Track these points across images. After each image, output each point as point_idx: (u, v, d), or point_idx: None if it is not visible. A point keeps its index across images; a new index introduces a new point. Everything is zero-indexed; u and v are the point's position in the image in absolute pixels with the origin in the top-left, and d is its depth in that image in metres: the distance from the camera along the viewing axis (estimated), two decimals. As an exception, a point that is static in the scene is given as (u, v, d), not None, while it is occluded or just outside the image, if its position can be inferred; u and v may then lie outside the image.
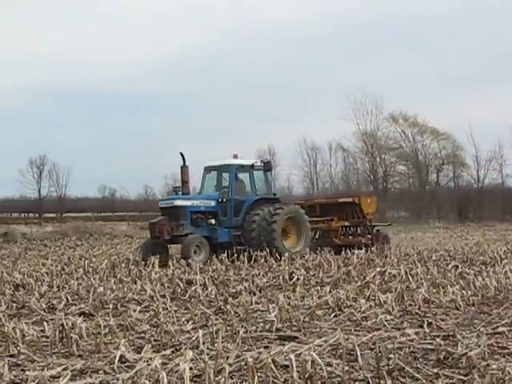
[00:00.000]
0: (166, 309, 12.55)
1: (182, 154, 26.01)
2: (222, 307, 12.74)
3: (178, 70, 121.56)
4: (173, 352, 9.15)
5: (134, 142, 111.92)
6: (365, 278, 15.91)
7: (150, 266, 20.32)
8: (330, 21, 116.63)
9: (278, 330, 10.59)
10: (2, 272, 19.10)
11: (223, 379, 6.98)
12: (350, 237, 30.04)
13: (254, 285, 15.80)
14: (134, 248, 33.67)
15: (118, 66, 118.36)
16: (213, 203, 26.30)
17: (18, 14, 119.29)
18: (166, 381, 6.72)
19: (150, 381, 6.83)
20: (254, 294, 14.46)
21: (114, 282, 16.64)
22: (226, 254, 23.81)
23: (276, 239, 25.52)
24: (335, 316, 11.81)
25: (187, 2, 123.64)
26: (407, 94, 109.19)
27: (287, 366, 7.61)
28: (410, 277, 15.92)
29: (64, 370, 8.11)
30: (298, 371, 7.15)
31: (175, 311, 12.42)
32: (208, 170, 27.67)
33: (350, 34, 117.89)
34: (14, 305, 13.97)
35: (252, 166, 26.99)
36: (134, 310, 12.26)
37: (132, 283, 16.74)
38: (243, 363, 7.81)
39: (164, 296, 14.41)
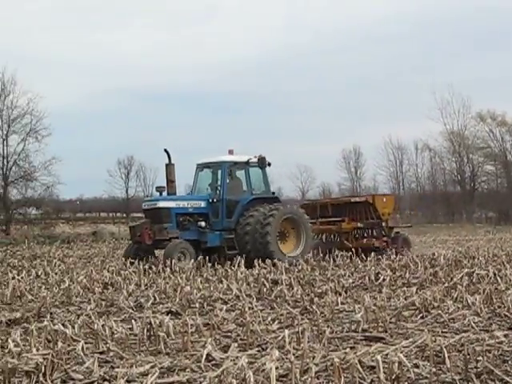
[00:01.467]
0: (252, 308, 12.59)
1: (166, 151, 24.12)
2: (308, 307, 12.72)
3: (265, 71, 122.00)
4: (259, 351, 9.20)
5: (221, 143, 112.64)
6: (452, 279, 15.67)
7: (236, 265, 20.40)
8: (418, 17, 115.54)
9: (364, 330, 10.54)
10: (92, 271, 19.43)
11: (309, 379, 6.97)
12: (365, 239, 28.08)
13: (339, 285, 15.73)
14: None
15: (207, 67, 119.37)
16: (203, 204, 24.44)
17: (113, 17, 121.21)
18: (252, 380, 6.74)
19: (236, 379, 6.86)
20: (340, 295, 14.41)
21: (201, 281, 16.78)
22: (215, 260, 22.45)
23: (270, 243, 23.57)
24: (422, 317, 11.67)
25: (278, 3, 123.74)
26: (495, 92, 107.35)
27: (374, 367, 7.56)
28: (498, 278, 15.66)
29: (152, 367, 8.22)
30: (384, 372, 7.10)
31: (261, 311, 12.46)
32: (200, 167, 25.73)
33: (438, 32, 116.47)
34: (103, 303, 14.22)
35: (247, 163, 24.80)
36: (221, 309, 12.35)
37: (218, 282, 16.86)
38: (329, 363, 7.79)
39: (250, 295, 14.47)
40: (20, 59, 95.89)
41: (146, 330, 10.32)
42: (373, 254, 23.52)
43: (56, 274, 19.02)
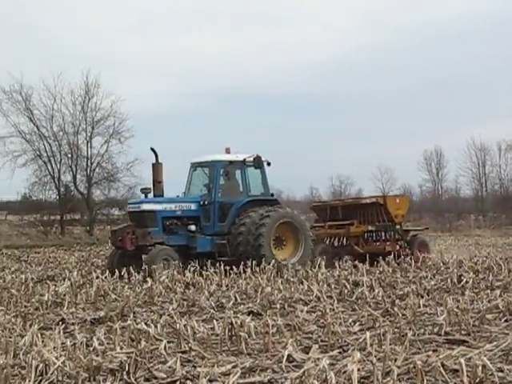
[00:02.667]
0: (333, 310, 12.55)
1: (153, 150, 22.53)
2: (389, 309, 12.64)
3: (345, 71, 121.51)
4: (340, 353, 9.19)
5: (300, 143, 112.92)
6: (538, 282, 15.37)
7: (317, 266, 20.31)
8: (496, 15, 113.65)
9: (446, 333, 10.41)
10: (173, 271, 19.54)
11: (391, 381, 6.93)
12: (376, 243, 26.51)
13: (421, 287, 15.56)
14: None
15: (285, 69, 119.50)
16: (193, 206, 22.78)
17: (198, 20, 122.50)
18: (334, 381, 6.75)
19: (317, 381, 6.87)
20: (422, 297, 14.26)
21: (281, 282, 16.78)
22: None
23: (263, 246, 21.77)
24: (506, 321, 11.48)
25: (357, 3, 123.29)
26: None
27: (457, 371, 7.48)
28: None
29: (234, 367, 8.30)
30: (468, 376, 7.02)
31: (342, 312, 12.41)
32: (194, 167, 23.94)
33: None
34: (185, 303, 14.37)
35: (243, 162, 23.03)
36: (301, 311, 12.34)
37: (299, 283, 16.84)
38: (411, 366, 7.73)
39: (331, 297, 14.43)
40: (104, 62, 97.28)
41: (227, 330, 10.41)
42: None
43: (138, 273, 19.21)
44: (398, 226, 26.40)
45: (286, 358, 8.55)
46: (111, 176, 54.09)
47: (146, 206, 22.24)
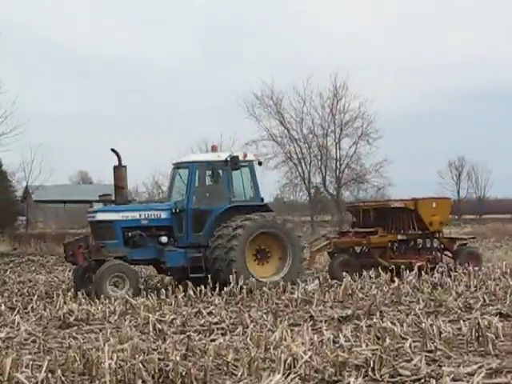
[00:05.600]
0: None
1: (114, 151, 19.42)
2: None
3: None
4: None
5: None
6: None
7: None
8: None
9: None
10: (421, 273, 19.37)
11: None
12: (406, 255, 21.88)
13: None
14: None
15: None
16: (163, 215, 19.48)
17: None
18: None
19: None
20: None
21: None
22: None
23: (235, 261, 18.32)
24: None
25: None
26: None
27: None
28: None
29: (479, 367, 8.27)
30: None
31: None
32: (175, 168, 20.73)
33: None
34: (432, 303, 14.34)
35: (226, 163, 19.45)
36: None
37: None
38: None
39: None
40: (351, 64, 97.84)
41: (474, 331, 10.33)
42: None
43: (386, 273, 19.10)
44: (438, 235, 22.35)
45: (534, 360, 8.41)
46: (360, 177, 54.54)
47: (101, 216, 19.45)
